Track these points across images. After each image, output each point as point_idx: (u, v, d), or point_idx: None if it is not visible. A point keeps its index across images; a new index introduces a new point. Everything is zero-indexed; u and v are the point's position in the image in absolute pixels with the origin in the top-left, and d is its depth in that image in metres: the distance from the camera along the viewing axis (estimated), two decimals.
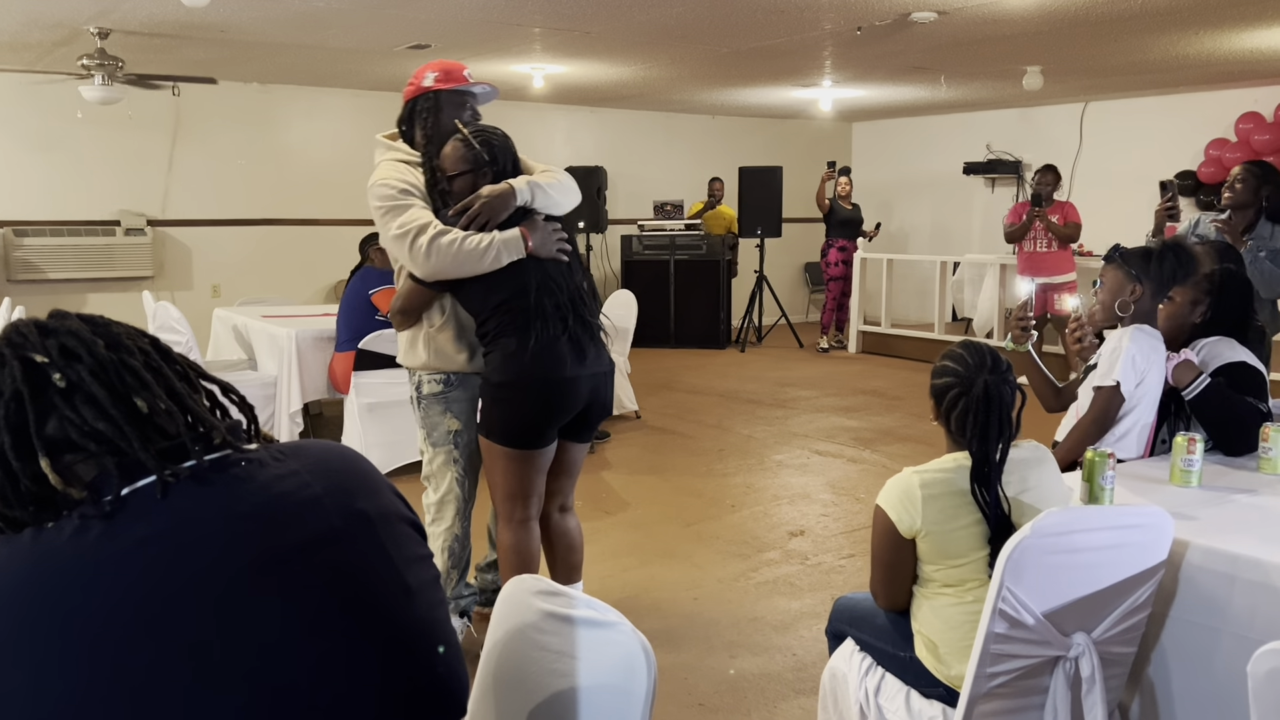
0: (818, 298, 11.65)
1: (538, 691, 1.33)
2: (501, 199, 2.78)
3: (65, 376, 1.04)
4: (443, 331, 2.94)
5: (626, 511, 4.77)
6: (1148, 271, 2.71)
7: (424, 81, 2.93)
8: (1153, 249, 2.76)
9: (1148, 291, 2.72)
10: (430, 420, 3.00)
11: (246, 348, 6.02)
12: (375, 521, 1.13)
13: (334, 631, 1.05)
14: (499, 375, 2.78)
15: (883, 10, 5.70)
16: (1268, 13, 5.80)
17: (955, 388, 2.06)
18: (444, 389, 2.97)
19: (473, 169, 2.83)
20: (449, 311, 2.92)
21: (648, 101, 10.24)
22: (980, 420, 2.02)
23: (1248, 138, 8.68)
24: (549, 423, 2.84)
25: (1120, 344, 2.64)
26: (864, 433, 6.37)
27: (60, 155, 8.15)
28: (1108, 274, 2.77)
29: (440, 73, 2.94)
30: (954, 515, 2.00)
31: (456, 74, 2.96)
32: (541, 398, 2.78)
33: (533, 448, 2.85)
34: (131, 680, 0.95)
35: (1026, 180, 10.80)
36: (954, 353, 2.13)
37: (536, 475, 2.90)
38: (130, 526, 1.00)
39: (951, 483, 2.03)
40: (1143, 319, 2.73)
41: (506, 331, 2.76)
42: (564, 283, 2.84)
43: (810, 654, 3.22)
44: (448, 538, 3.03)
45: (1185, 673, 2.07)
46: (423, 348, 2.96)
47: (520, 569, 2.86)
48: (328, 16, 5.90)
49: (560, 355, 2.77)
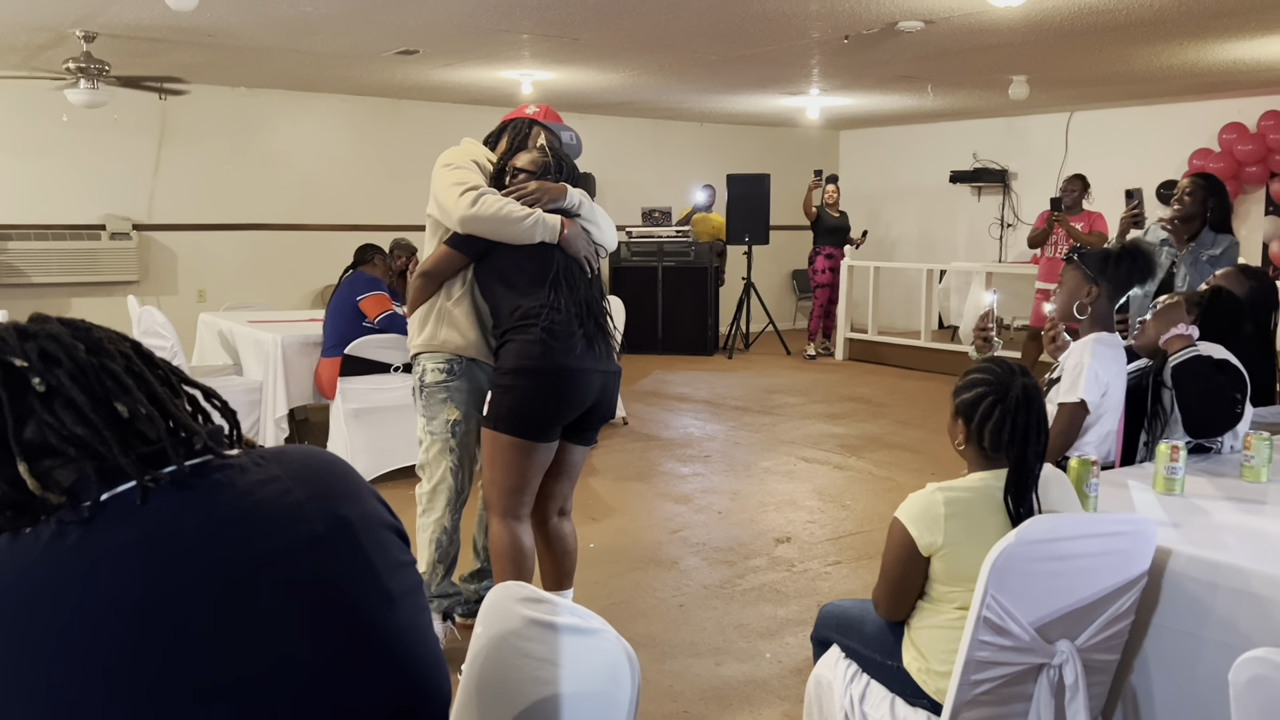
0: (805, 305, 11.68)
1: (521, 699, 1.32)
2: (555, 188, 2.98)
3: (45, 381, 1.03)
4: (459, 305, 3.02)
5: (613, 518, 4.77)
6: (1104, 273, 2.74)
7: (526, 111, 3.21)
8: (1110, 251, 2.79)
9: (1104, 293, 2.75)
10: (431, 408, 3.06)
11: (232, 353, 6.00)
12: (358, 527, 1.12)
13: (315, 638, 1.04)
14: (514, 362, 2.83)
15: (870, 19, 5.72)
16: (1250, 25, 5.85)
17: (989, 396, 2.02)
18: (447, 377, 3.03)
19: (540, 174, 2.99)
20: (468, 285, 3.01)
21: (636, 108, 10.26)
22: (1020, 424, 1.99)
23: (1231, 148, 8.76)
24: (558, 413, 2.88)
25: (1082, 360, 2.65)
26: (850, 440, 6.39)
27: (45, 159, 8.11)
28: (1067, 275, 2.80)
29: (541, 111, 3.22)
30: (974, 535, 1.95)
31: (553, 115, 3.23)
32: (555, 386, 2.84)
33: (538, 439, 2.87)
34: (108, 687, 0.94)
35: (1012, 189, 10.87)
36: (978, 368, 2.11)
37: (536, 471, 2.92)
38: (109, 532, 1.00)
39: (974, 502, 2.00)
40: (1101, 319, 2.75)
41: (528, 323, 2.83)
42: (582, 284, 2.96)
43: (795, 661, 3.22)
44: (436, 529, 3.07)
45: (1168, 680, 2.08)
46: (434, 323, 3.03)
47: (516, 565, 2.89)
48: (315, 21, 5.90)
49: (575, 347, 2.86)
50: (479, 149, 3.14)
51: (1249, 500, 2.44)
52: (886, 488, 5.27)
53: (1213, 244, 4.16)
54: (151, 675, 0.95)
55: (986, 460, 2.06)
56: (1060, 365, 2.79)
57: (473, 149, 3.12)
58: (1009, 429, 2.00)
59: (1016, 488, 1.99)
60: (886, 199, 12.07)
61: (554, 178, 3.02)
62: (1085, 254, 2.79)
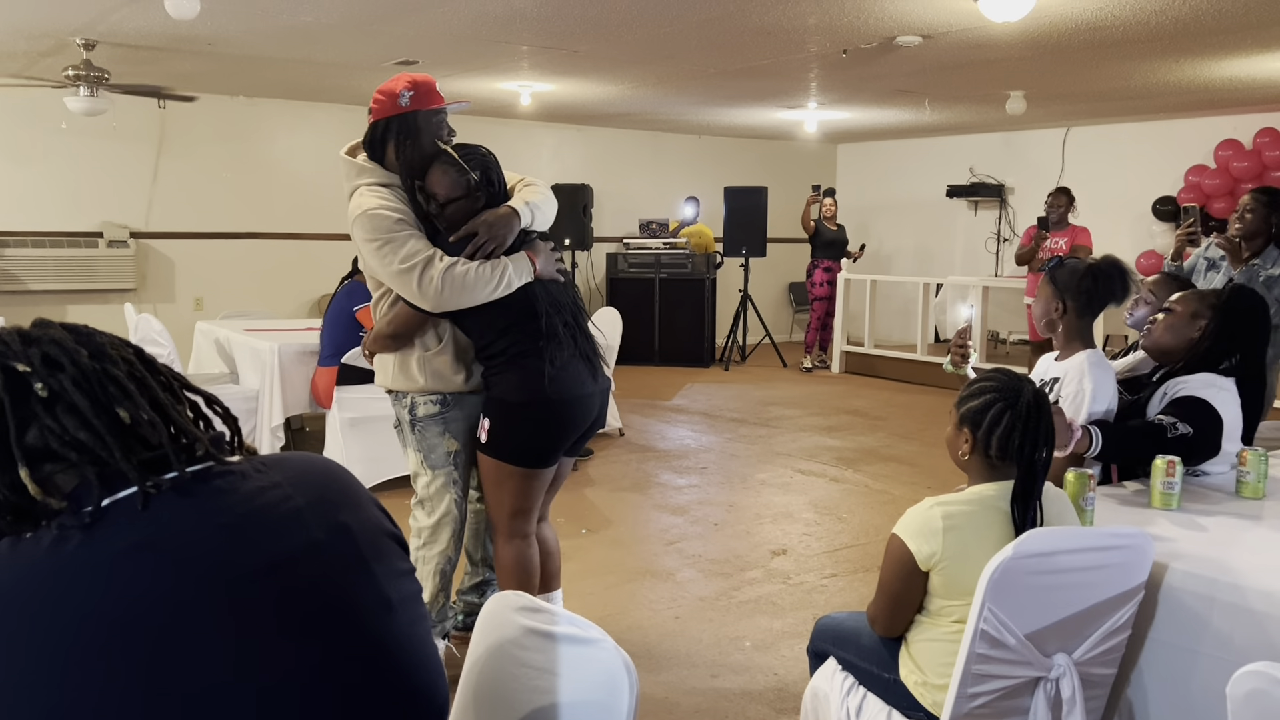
0: (802, 318, 11.69)
1: (519, 708, 1.32)
2: (506, 224, 2.73)
3: (47, 386, 1.03)
4: (440, 355, 2.85)
5: (609, 529, 4.76)
6: (1070, 290, 2.66)
7: (399, 101, 2.75)
8: (1080, 268, 2.68)
9: (1073, 310, 2.67)
10: (428, 442, 2.90)
11: (229, 361, 5.99)
12: (357, 534, 1.12)
13: (314, 645, 1.04)
14: (520, 395, 2.75)
15: (868, 33, 5.75)
16: (1246, 42, 5.88)
17: (999, 403, 2.01)
18: (441, 409, 2.88)
19: (466, 194, 2.74)
20: (447, 335, 2.84)
21: (634, 120, 10.29)
22: (1031, 429, 1.98)
23: (1227, 164, 8.79)
24: (565, 440, 2.86)
25: (1083, 386, 2.60)
26: (847, 452, 6.39)
27: (44, 166, 8.11)
28: (1041, 289, 2.74)
29: (415, 92, 2.76)
30: (972, 549, 1.95)
31: (432, 92, 2.81)
32: (563, 416, 2.80)
33: (546, 466, 2.87)
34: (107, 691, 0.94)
35: (1009, 203, 10.90)
36: (983, 377, 2.11)
37: (541, 491, 2.92)
38: (110, 537, 0.99)
39: (973, 516, 1.99)
40: (1074, 335, 2.69)
41: (526, 352, 2.74)
42: (566, 301, 2.85)
43: (792, 673, 3.21)
44: (441, 560, 2.95)
45: (1164, 694, 2.08)
46: (417, 371, 2.86)
47: (523, 582, 2.89)
48: (315, 31, 5.91)
49: (578, 374, 2.81)
50: (384, 191, 2.76)
51: (1245, 515, 2.44)
52: (883, 501, 5.27)
53: (1274, 264, 4.04)
54: (149, 680, 0.95)
55: (991, 470, 2.05)
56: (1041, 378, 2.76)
57: (381, 196, 2.74)
58: (1019, 435, 1.99)
59: (1024, 495, 1.98)
60: (884, 213, 12.09)
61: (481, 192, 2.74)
62: (1056, 269, 2.71)
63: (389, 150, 2.81)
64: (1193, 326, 2.78)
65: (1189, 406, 2.62)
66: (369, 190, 2.78)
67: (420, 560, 2.94)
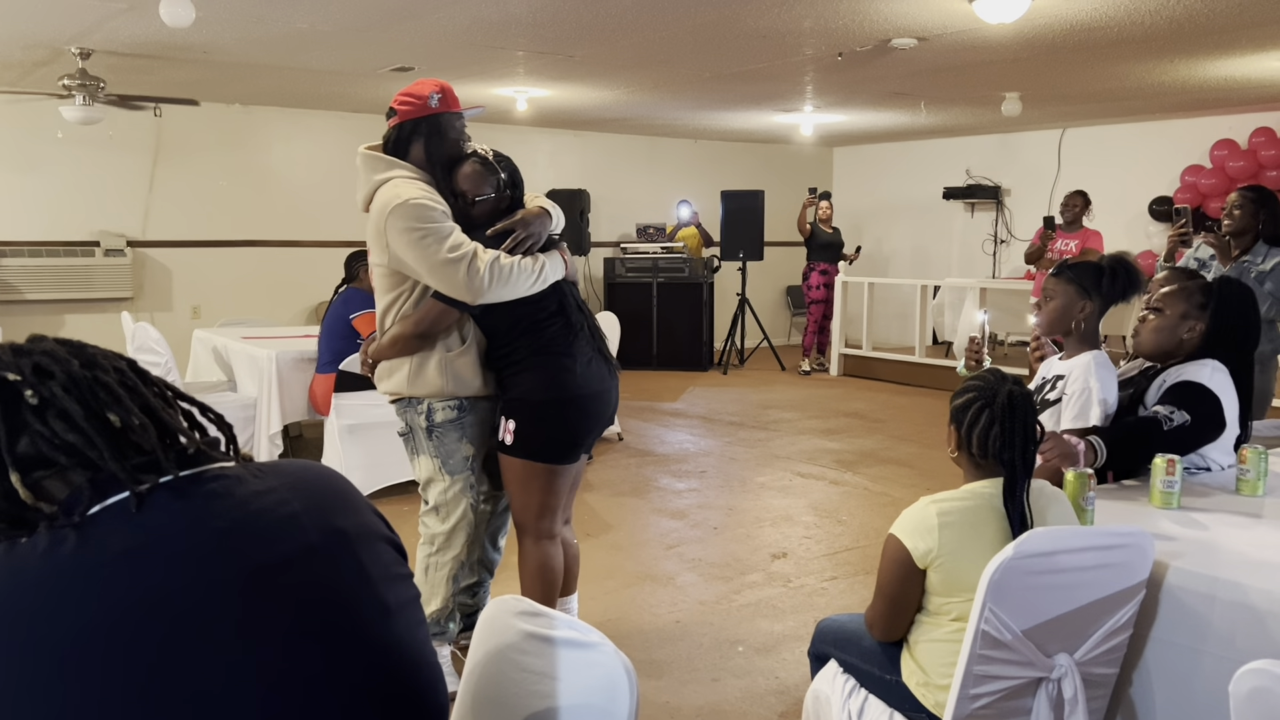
0: (799, 321, 11.70)
1: (518, 712, 1.31)
2: (541, 222, 2.86)
3: (37, 393, 1.03)
4: (463, 357, 2.84)
5: (608, 533, 4.75)
6: (1098, 288, 2.70)
7: (429, 103, 2.85)
8: (1103, 266, 2.72)
9: (1096, 308, 2.72)
10: (446, 448, 2.89)
11: (226, 369, 5.98)
12: (354, 539, 1.12)
13: (310, 649, 1.04)
14: (546, 393, 2.81)
15: (863, 36, 5.75)
16: (1240, 42, 5.89)
17: (978, 401, 2.06)
18: (459, 414, 2.87)
19: (495, 193, 2.87)
20: (471, 337, 2.85)
21: (631, 125, 10.30)
22: (1007, 428, 2.02)
23: (1222, 164, 8.81)
24: (591, 434, 2.94)
25: (1089, 385, 2.62)
26: (846, 455, 6.38)
27: (40, 175, 8.11)
28: (1058, 289, 2.74)
29: (442, 94, 2.88)
30: (969, 544, 1.96)
31: (454, 96, 2.94)
32: (590, 410, 2.88)
33: (572, 461, 2.92)
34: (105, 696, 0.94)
35: (1005, 205, 10.91)
36: (973, 377, 2.16)
37: (566, 487, 2.97)
38: (104, 541, 0.99)
39: (968, 512, 2.01)
40: (1090, 335, 2.73)
41: (546, 350, 2.81)
42: (579, 301, 2.96)
43: (793, 676, 3.20)
44: (454, 565, 2.93)
45: (1166, 693, 2.08)
46: (436, 374, 2.84)
47: (550, 584, 2.92)
48: (311, 38, 5.91)
49: (600, 369, 2.90)
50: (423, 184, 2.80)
51: (1245, 514, 2.43)
52: (882, 503, 5.27)
53: (1264, 259, 4.07)
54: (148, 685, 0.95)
55: (977, 468, 2.08)
56: (1044, 377, 2.77)
57: (422, 188, 2.78)
58: (998, 432, 2.02)
59: (1011, 493, 2.00)
60: (880, 215, 12.11)
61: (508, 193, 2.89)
62: (1077, 268, 2.73)
63: (415, 150, 2.87)
64: (1183, 326, 2.78)
65: (1184, 392, 2.64)
66: (406, 181, 2.79)
67: (433, 566, 2.94)
